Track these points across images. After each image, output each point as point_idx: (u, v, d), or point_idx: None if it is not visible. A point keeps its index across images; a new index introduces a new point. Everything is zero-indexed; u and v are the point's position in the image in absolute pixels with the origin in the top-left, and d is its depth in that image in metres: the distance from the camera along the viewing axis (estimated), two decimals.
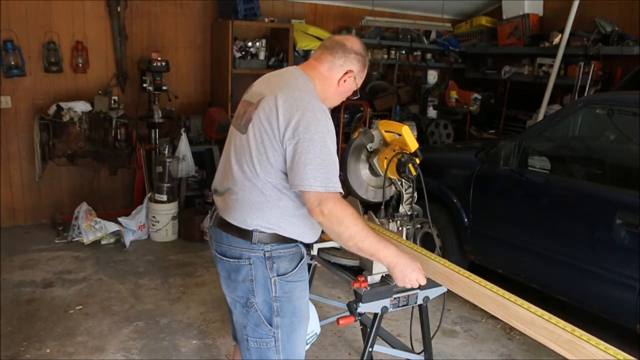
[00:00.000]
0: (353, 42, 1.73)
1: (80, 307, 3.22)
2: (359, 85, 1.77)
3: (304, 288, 1.74)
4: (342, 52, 1.69)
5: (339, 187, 1.53)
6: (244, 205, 1.63)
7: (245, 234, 1.63)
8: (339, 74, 1.70)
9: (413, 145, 2.01)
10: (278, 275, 1.65)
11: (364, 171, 2.24)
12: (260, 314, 1.66)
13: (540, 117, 4.82)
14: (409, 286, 1.67)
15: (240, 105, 1.75)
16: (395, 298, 1.90)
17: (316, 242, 2.10)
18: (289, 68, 1.77)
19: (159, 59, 4.35)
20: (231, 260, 1.68)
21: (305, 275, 1.76)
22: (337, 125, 5.06)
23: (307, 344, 1.90)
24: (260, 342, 1.68)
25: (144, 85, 4.49)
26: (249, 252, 1.64)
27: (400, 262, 1.61)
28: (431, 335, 2.17)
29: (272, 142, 1.56)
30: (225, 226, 1.68)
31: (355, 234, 1.53)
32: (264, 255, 1.64)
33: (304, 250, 1.73)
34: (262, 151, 1.57)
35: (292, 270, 1.68)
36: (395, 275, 1.64)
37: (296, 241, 1.69)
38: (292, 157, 1.51)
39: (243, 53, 4.85)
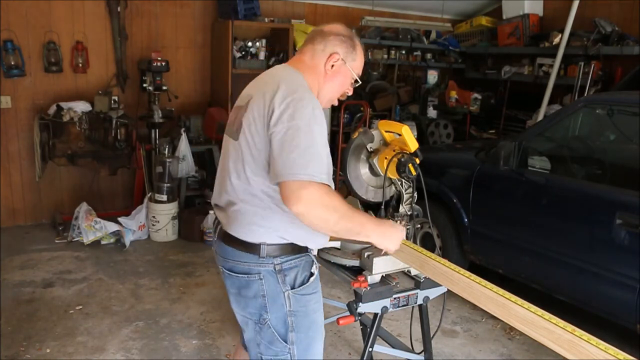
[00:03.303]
0: (332, 26, 1.67)
1: (80, 307, 3.22)
2: (356, 70, 1.67)
3: (319, 300, 1.66)
4: (321, 37, 1.63)
5: (325, 179, 1.42)
6: (247, 215, 1.54)
7: (252, 248, 1.55)
8: (323, 59, 1.62)
9: (413, 145, 2.01)
10: (292, 289, 1.57)
11: (364, 171, 2.23)
12: (274, 331, 1.58)
13: (540, 117, 4.82)
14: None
15: (232, 112, 1.68)
16: (395, 298, 1.90)
17: None
18: (277, 66, 1.71)
19: (159, 59, 4.36)
20: (240, 275, 1.59)
21: (319, 287, 1.67)
22: (337, 125, 5.15)
23: None
24: None
25: (144, 85, 4.49)
26: (258, 267, 1.55)
27: (383, 230, 1.62)
28: (431, 335, 2.17)
29: (264, 141, 1.47)
30: (231, 240, 1.59)
31: (344, 214, 1.44)
32: (274, 269, 1.55)
33: (315, 260, 1.66)
34: (257, 154, 1.49)
35: (305, 281, 1.60)
36: (382, 245, 1.66)
37: (306, 250, 1.62)
38: (278, 146, 1.42)
39: (243, 53, 4.85)
